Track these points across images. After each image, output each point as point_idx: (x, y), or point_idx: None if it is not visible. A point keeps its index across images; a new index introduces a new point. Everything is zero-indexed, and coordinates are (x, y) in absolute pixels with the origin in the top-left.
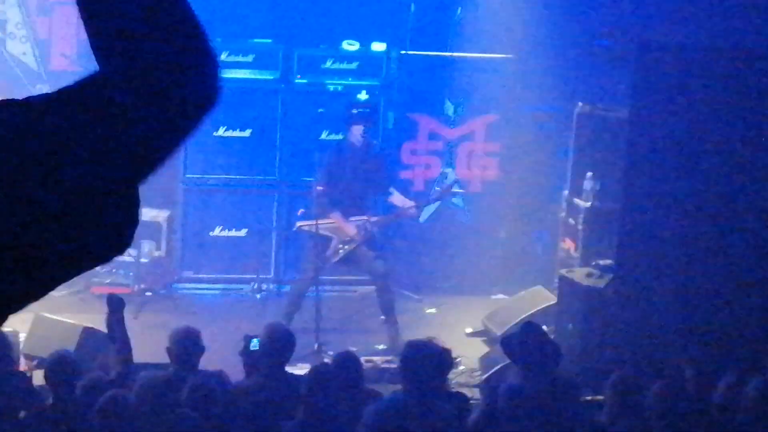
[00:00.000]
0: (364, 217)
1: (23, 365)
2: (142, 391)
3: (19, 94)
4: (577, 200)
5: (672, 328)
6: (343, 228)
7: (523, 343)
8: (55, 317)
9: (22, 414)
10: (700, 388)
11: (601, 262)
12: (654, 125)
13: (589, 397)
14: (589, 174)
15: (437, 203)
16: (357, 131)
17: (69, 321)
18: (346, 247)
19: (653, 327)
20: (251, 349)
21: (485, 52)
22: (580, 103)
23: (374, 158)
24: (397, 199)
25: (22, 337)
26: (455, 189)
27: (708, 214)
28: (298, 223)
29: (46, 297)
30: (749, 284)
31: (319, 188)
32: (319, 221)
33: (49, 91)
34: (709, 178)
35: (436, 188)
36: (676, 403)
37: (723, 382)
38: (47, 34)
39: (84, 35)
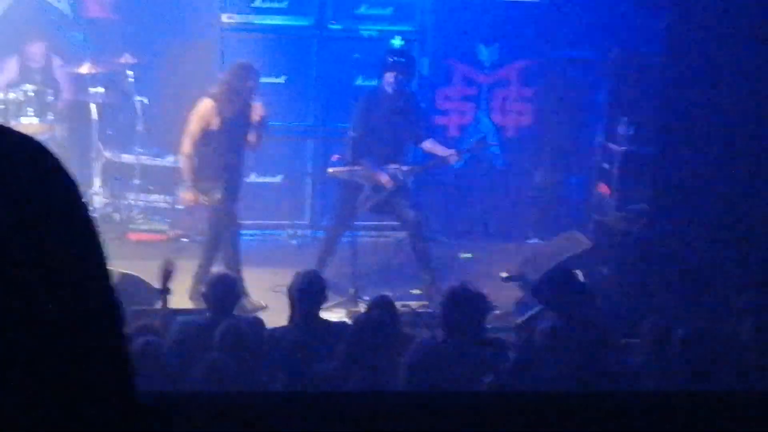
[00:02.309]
0: (396, 165)
1: None
2: (177, 335)
3: (54, 41)
4: (612, 145)
5: (708, 272)
6: (374, 175)
7: (552, 288)
8: None
9: None
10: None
11: (636, 207)
12: (690, 68)
13: (623, 341)
14: (624, 119)
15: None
16: (389, 78)
17: None
18: (377, 194)
19: (688, 270)
20: None
21: None
22: (615, 48)
23: (408, 106)
24: (428, 145)
25: None
26: (489, 142)
27: (744, 155)
28: (330, 169)
29: None
30: None
31: (352, 134)
32: (350, 168)
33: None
34: (746, 120)
35: (473, 139)
36: (698, 346)
37: (748, 323)
38: None
39: None
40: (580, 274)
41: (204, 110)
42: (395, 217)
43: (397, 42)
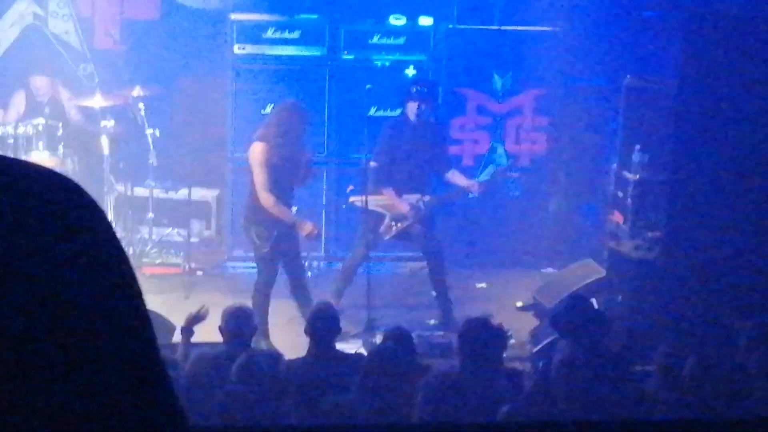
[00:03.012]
0: (418, 196)
1: None
2: (194, 368)
3: (64, 74)
4: (625, 173)
5: (721, 300)
6: (395, 205)
7: (569, 316)
8: None
9: None
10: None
11: (650, 235)
12: (703, 97)
13: (638, 368)
14: (638, 147)
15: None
16: (412, 108)
17: None
18: (398, 224)
19: (702, 298)
20: None
21: (533, 26)
22: (628, 76)
23: (432, 136)
24: (457, 178)
25: None
26: (512, 174)
27: (757, 184)
28: (351, 198)
29: None
30: None
31: (373, 164)
32: (372, 197)
33: None
34: (759, 149)
35: (493, 167)
36: (712, 374)
37: (758, 352)
38: (90, 12)
39: (127, 14)
40: (595, 303)
41: (260, 155)
42: (415, 247)
43: (410, 71)
